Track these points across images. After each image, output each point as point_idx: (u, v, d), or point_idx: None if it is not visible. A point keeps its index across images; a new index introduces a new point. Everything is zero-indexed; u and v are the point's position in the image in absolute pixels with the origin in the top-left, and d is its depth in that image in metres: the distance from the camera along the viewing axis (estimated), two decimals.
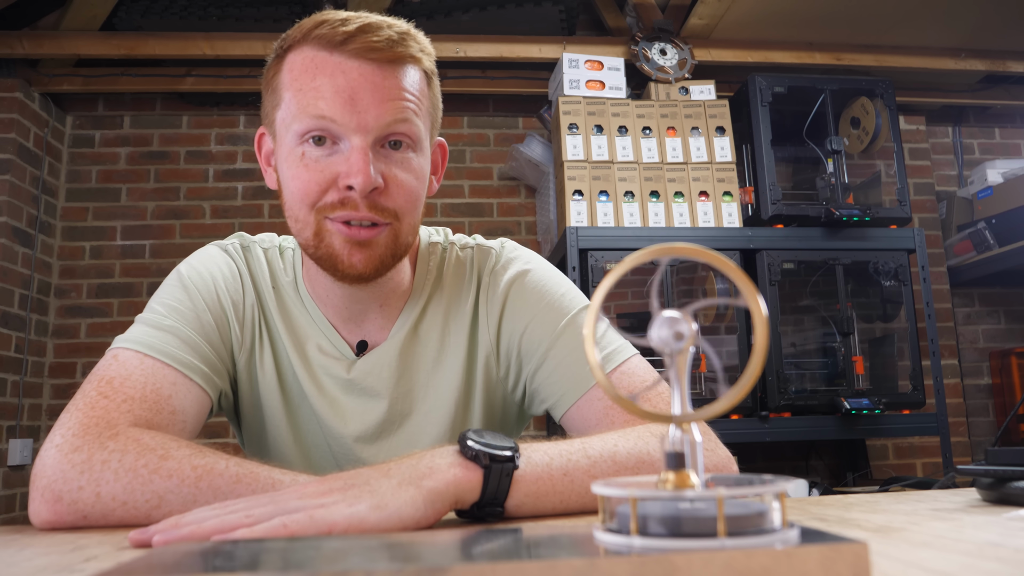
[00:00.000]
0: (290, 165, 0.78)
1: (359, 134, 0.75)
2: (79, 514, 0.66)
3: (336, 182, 0.76)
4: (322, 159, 0.77)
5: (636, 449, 0.70)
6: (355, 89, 0.75)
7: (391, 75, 0.77)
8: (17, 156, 2.60)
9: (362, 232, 0.78)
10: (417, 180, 0.80)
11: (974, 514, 0.56)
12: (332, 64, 0.75)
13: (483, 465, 0.60)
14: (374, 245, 0.79)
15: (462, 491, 0.59)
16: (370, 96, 0.75)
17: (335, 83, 0.75)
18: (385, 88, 0.76)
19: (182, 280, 0.86)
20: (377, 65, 0.76)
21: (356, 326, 0.89)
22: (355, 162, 0.75)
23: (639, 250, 0.38)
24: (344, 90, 0.75)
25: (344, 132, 0.75)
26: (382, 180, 0.77)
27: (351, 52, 0.75)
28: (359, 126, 0.75)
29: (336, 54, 0.76)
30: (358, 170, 0.74)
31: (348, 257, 0.78)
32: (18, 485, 2.53)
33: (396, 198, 0.78)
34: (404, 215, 0.80)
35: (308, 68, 0.76)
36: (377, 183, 0.76)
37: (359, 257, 0.78)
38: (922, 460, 2.85)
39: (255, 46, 2.64)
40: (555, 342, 0.85)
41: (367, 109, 0.75)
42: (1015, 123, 3.26)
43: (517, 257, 0.93)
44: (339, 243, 0.78)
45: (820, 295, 2.50)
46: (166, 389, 0.76)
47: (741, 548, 0.31)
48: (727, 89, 2.75)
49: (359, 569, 0.30)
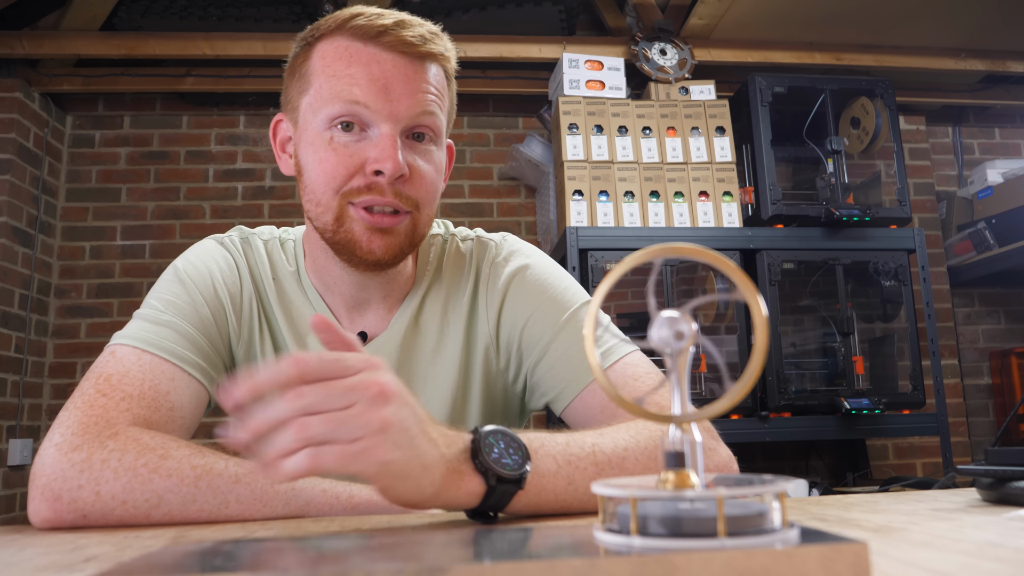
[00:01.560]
0: (316, 149, 0.80)
1: (390, 122, 0.78)
2: (79, 513, 0.66)
3: (363, 167, 0.79)
4: (351, 144, 0.79)
5: (644, 455, 0.69)
6: (389, 79, 0.78)
7: (421, 69, 0.81)
8: (17, 156, 2.60)
9: (385, 219, 0.80)
10: (437, 173, 0.84)
11: (974, 514, 0.56)
12: (367, 54, 0.79)
13: (489, 485, 0.58)
14: (395, 233, 0.81)
15: (462, 501, 0.58)
16: (402, 87, 0.78)
17: (370, 71, 0.78)
18: (416, 81, 0.80)
19: (178, 274, 0.86)
20: (409, 59, 0.80)
21: (359, 316, 0.90)
22: (385, 148, 0.77)
23: (639, 250, 0.38)
24: (379, 79, 0.78)
25: (375, 119, 0.78)
26: (407, 168, 0.79)
27: (386, 44, 0.79)
28: (391, 114, 0.78)
29: (371, 45, 0.79)
30: (388, 156, 0.77)
31: (368, 243, 0.80)
32: (18, 485, 2.53)
33: (418, 188, 0.81)
34: (423, 205, 0.82)
35: (342, 56, 0.79)
36: (404, 171, 0.78)
37: (379, 244, 0.80)
38: (922, 460, 2.85)
39: (255, 46, 2.64)
40: (556, 336, 0.85)
41: (399, 99, 0.78)
42: (1015, 123, 3.26)
43: (518, 251, 0.93)
44: (360, 229, 0.80)
45: (820, 295, 2.50)
46: (164, 385, 0.76)
47: (741, 548, 0.31)
48: (727, 89, 2.75)
49: (359, 569, 0.30)
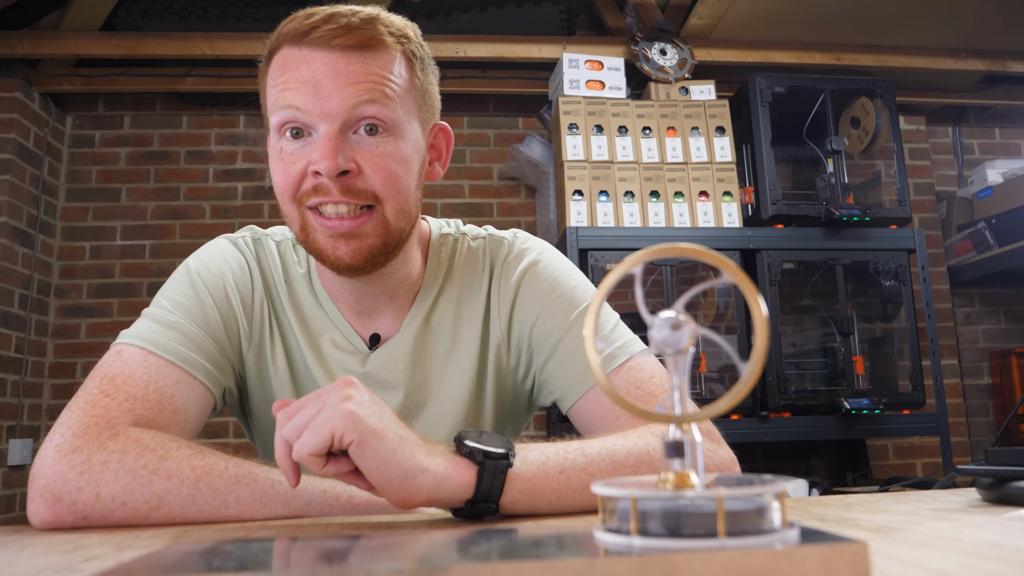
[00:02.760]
0: (272, 161, 0.80)
1: (325, 121, 0.76)
2: (79, 514, 0.66)
3: (307, 170, 0.77)
4: (297, 151, 0.78)
5: (635, 448, 0.70)
6: (318, 77, 0.76)
7: (356, 60, 0.77)
8: (17, 156, 2.60)
9: (344, 223, 0.78)
10: (397, 163, 0.79)
11: (974, 514, 0.56)
12: (299, 57, 0.77)
13: (477, 462, 0.61)
14: (361, 236, 0.78)
15: (455, 487, 0.60)
16: (332, 82, 0.75)
17: (300, 74, 0.76)
18: (349, 73, 0.76)
19: (190, 275, 0.86)
20: (341, 52, 0.76)
21: (369, 319, 0.89)
22: (320, 147, 0.76)
23: (639, 250, 0.38)
24: (308, 79, 0.76)
25: (312, 120, 0.76)
26: (354, 165, 0.77)
27: (314, 43, 0.76)
28: (323, 113, 0.76)
29: (303, 47, 0.77)
30: (322, 155, 0.75)
31: (333, 251, 0.79)
32: (18, 485, 2.53)
33: (373, 181, 0.78)
34: (387, 198, 0.79)
35: (280, 65, 0.78)
36: (345, 167, 0.76)
37: (345, 250, 0.78)
38: (922, 460, 2.85)
39: (255, 46, 2.64)
40: (565, 334, 0.85)
41: (330, 95, 0.75)
42: (1015, 123, 3.26)
43: (529, 247, 0.93)
44: (322, 238, 0.79)
45: (820, 295, 2.50)
46: (169, 388, 0.76)
47: (741, 548, 0.31)
48: (727, 89, 2.75)
49: (359, 569, 0.30)
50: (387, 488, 0.59)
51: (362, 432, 0.57)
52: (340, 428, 0.57)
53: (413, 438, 0.61)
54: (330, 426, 0.57)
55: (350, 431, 0.57)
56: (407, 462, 0.58)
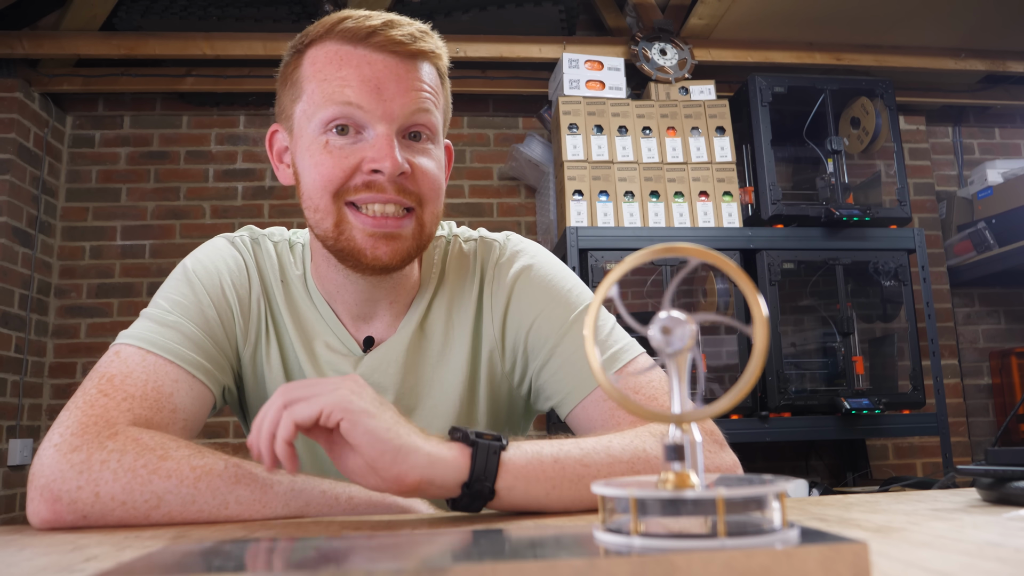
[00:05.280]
0: (312, 153, 0.79)
1: (384, 122, 0.77)
2: (78, 514, 0.66)
3: (360, 168, 0.78)
4: (347, 147, 0.78)
5: (632, 444, 0.70)
6: (381, 79, 0.77)
7: (413, 68, 0.80)
8: (17, 156, 2.60)
9: (389, 222, 0.79)
10: (438, 170, 0.83)
11: (974, 514, 0.56)
12: (358, 56, 0.78)
13: (470, 443, 0.63)
14: (401, 237, 0.80)
15: (449, 467, 0.61)
16: (395, 86, 0.78)
17: (362, 73, 0.77)
18: (408, 80, 0.79)
19: (187, 274, 0.86)
20: (400, 58, 0.79)
21: (364, 322, 0.89)
22: (382, 147, 0.77)
23: (639, 250, 0.38)
24: (371, 79, 0.77)
25: (370, 120, 0.77)
26: (408, 165, 0.79)
27: (375, 45, 0.78)
28: (385, 114, 0.77)
29: (361, 47, 0.78)
30: (385, 155, 0.76)
31: (373, 250, 0.79)
32: (18, 485, 2.53)
33: (421, 184, 0.80)
34: (427, 202, 0.81)
35: (333, 60, 0.79)
36: (404, 167, 0.78)
37: (384, 249, 0.79)
38: (922, 460, 2.85)
39: (255, 46, 2.64)
40: (562, 339, 0.84)
41: (393, 98, 0.77)
42: (1015, 123, 3.26)
43: (522, 250, 0.92)
44: (360, 236, 0.79)
45: (820, 295, 2.50)
46: (168, 387, 0.76)
47: (741, 548, 0.31)
48: (727, 89, 2.75)
49: (359, 569, 0.30)
50: (380, 463, 0.60)
51: (354, 412, 0.60)
52: (330, 406, 0.60)
53: (408, 425, 0.64)
54: (321, 402, 0.60)
55: (339, 410, 0.60)
56: (401, 439, 0.61)
